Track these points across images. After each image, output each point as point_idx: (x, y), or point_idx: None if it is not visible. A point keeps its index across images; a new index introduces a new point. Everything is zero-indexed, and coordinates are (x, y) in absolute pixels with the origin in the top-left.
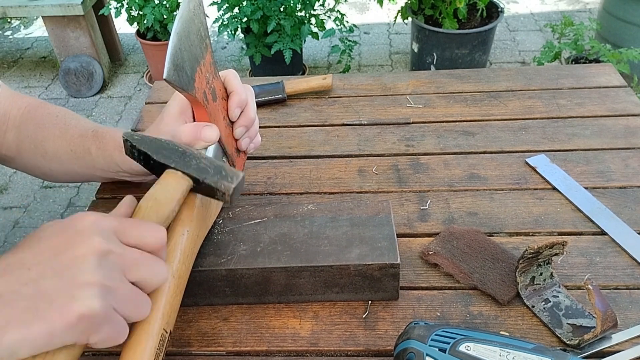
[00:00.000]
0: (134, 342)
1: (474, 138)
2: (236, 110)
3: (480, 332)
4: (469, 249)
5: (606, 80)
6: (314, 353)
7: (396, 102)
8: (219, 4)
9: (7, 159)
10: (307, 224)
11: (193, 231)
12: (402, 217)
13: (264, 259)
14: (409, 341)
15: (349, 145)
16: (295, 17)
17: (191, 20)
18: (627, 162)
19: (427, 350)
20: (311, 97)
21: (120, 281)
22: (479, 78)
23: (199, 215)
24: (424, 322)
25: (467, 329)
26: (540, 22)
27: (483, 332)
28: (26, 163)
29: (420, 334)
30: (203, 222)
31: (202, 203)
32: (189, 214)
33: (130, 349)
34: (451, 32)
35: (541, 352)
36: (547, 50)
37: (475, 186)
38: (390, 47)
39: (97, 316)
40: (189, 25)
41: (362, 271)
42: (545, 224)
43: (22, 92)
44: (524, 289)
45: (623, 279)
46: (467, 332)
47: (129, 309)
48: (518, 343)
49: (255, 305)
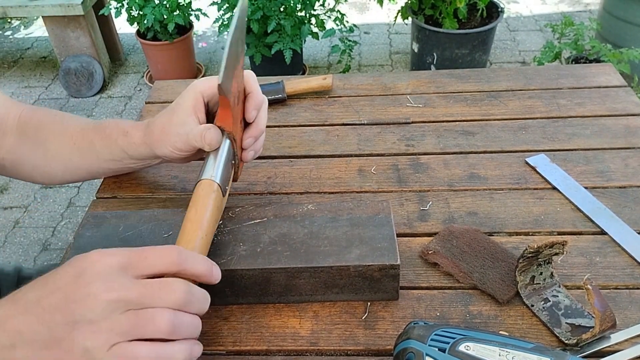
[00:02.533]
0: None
1: (474, 138)
2: (253, 112)
3: (480, 331)
4: (469, 248)
5: (606, 80)
6: (314, 353)
7: (396, 102)
8: (219, 4)
9: (4, 166)
10: (307, 224)
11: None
12: (402, 217)
13: (263, 260)
14: (409, 341)
15: (349, 145)
16: (295, 17)
17: (241, 27)
18: (627, 162)
19: (426, 350)
20: (311, 97)
21: (133, 319)
22: (479, 78)
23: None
24: (423, 321)
25: (467, 328)
26: (541, 22)
27: (482, 332)
28: (24, 165)
29: (419, 334)
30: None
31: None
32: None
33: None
34: (451, 32)
35: (540, 351)
36: (547, 50)
37: (475, 186)
38: (390, 47)
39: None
40: (240, 32)
41: (362, 272)
42: (545, 223)
43: (23, 92)
44: (523, 288)
45: (623, 278)
46: (467, 332)
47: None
48: (517, 343)
49: (255, 304)
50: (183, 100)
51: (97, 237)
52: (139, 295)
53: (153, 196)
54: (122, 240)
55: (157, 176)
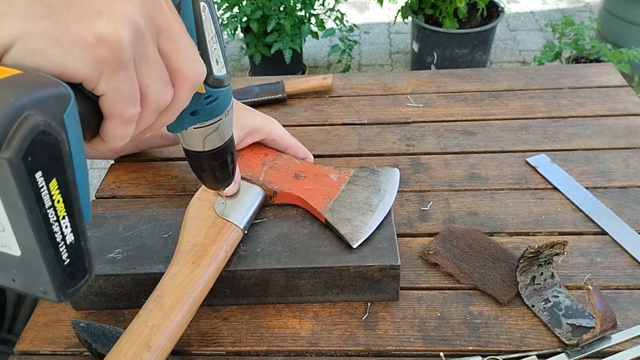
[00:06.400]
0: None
1: (474, 138)
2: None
3: None
4: (469, 248)
5: (607, 80)
6: (314, 353)
7: (396, 101)
8: (219, 4)
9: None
10: (307, 224)
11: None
12: (403, 217)
13: (263, 260)
14: None
15: (349, 144)
16: (295, 17)
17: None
18: (628, 162)
19: None
20: (311, 97)
21: (152, 43)
22: (480, 78)
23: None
24: None
25: None
26: (541, 22)
27: None
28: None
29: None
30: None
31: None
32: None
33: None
34: (451, 32)
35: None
36: (548, 50)
37: (476, 186)
38: (390, 47)
39: (119, 48)
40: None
41: (362, 272)
42: (545, 223)
43: None
44: (524, 288)
45: (624, 279)
46: None
47: (152, 79)
48: None
49: (255, 305)
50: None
51: (97, 237)
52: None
53: (153, 196)
54: (121, 240)
55: (157, 176)
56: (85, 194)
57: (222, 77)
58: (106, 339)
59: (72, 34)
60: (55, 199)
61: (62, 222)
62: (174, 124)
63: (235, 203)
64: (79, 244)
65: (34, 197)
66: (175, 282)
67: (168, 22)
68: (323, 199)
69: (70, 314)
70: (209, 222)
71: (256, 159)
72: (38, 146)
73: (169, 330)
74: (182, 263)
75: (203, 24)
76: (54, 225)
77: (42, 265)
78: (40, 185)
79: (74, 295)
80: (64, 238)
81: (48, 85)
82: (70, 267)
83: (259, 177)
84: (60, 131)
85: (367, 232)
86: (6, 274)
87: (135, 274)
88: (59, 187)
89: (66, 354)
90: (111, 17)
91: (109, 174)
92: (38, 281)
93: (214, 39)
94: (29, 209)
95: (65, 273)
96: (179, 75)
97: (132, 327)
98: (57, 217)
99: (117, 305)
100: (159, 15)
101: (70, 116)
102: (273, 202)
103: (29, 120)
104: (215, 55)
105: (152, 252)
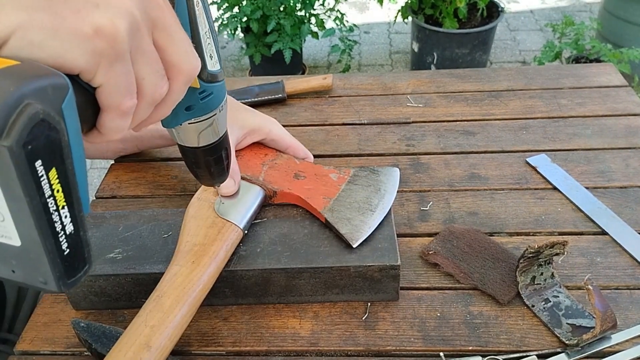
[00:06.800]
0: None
1: (474, 138)
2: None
3: None
4: (469, 248)
5: (607, 80)
6: (314, 353)
7: (396, 101)
8: (219, 4)
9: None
10: (307, 224)
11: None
12: (402, 217)
13: (263, 260)
14: None
15: (349, 144)
16: (295, 17)
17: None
18: (628, 162)
19: None
20: (311, 97)
21: (147, 35)
22: (480, 78)
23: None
24: None
25: None
26: (541, 22)
27: None
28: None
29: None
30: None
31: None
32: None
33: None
34: (451, 32)
35: None
36: (548, 50)
37: (476, 186)
38: (390, 47)
39: (116, 40)
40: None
41: (362, 272)
42: (545, 223)
43: None
44: (524, 288)
45: (624, 279)
46: None
47: (147, 71)
48: None
49: (255, 305)
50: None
51: (97, 237)
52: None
53: (153, 196)
54: (121, 240)
55: (157, 176)
56: (84, 186)
57: (216, 72)
58: (106, 339)
59: (69, 25)
60: (54, 188)
61: (62, 212)
62: (169, 119)
63: (235, 203)
64: (79, 234)
65: (34, 186)
66: (175, 282)
67: (163, 15)
68: (323, 199)
69: (70, 314)
70: (208, 222)
71: (256, 159)
72: (38, 135)
73: (168, 330)
74: (182, 263)
75: (197, 18)
76: (53, 214)
77: (43, 254)
78: (40, 174)
79: (74, 285)
80: (63, 228)
81: (46, 75)
82: (70, 257)
83: (259, 177)
84: (60, 120)
85: (367, 232)
86: (6, 265)
87: (135, 274)
88: (59, 177)
89: (66, 354)
90: (108, 8)
91: (109, 174)
92: (38, 271)
93: (207, 34)
94: (29, 197)
95: (65, 263)
96: (174, 68)
97: (132, 327)
98: (56, 207)
99: (117, 305)
100: (154, 8)
101: (69, 106)
102: (273, 202)
103: (29, 109)
104: (209, 50)
105: (152, 252)
